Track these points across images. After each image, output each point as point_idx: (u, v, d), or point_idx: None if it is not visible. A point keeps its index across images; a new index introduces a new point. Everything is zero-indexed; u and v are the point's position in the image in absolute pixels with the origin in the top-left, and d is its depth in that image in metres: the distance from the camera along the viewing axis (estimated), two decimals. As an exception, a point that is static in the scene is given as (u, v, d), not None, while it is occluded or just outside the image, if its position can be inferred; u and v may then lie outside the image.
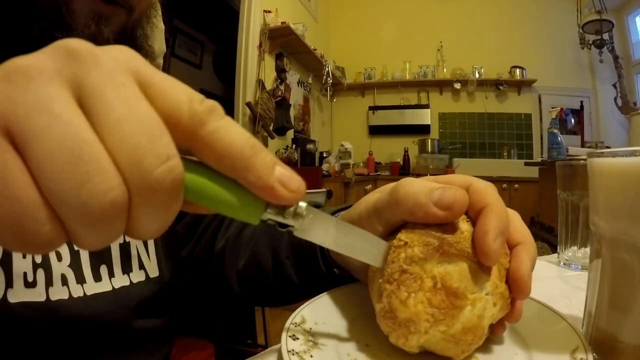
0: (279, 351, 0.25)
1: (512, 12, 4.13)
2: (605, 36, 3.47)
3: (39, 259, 0.34)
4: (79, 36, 0.35)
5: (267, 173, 0.17)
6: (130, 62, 0.16)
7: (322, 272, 0.38)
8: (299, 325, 0.28)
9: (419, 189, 0.24)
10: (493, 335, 0.27)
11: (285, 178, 0.18)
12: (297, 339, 0.26)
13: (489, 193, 0.25)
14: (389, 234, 0.27)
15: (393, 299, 0.23)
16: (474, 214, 0.25)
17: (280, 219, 0.20)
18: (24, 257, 0.33)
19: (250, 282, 0.47)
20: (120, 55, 0.17)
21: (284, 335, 0.26)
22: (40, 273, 0.33)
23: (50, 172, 0.14)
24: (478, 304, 0.23)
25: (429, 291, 0.23)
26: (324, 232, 0.22)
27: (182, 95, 0.17)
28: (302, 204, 0.20)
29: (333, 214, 0.39)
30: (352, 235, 0.24)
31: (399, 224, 0.26)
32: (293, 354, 0.24)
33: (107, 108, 0.15)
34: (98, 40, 0.36)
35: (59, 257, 0.35)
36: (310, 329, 0.28)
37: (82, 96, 0.15)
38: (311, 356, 0.25)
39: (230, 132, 0.17)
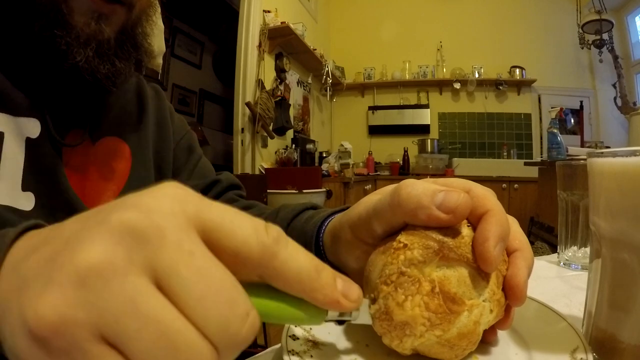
0: (279, 351, 0.25)
1: (512, 12, 4.14)
2: (605, 36, 3.47)
3: None
4: (78, 35, 0.35)
5: (332, 290, 0.19)
6: (188, 210, 0.17)
7: None
8: (299, 325, 0.28)
9: (422, 190, 0.24)
10: (485, 342, 0.26)
11: (346, 290, 0.20)
12: (297, 339, 0.26)
13: (489, 198, 0.25)
14: (388, 237, 0.27)
15: (390, 300, 0.23)
16: (474, 219, 0.25)
17: (340, 318, 0.22)
18: None
19: None
20: (177, 207, 0.16)
21: (284, 335, 0.26)
22: None
23: None
24: (475, 310, 0.23)
25: (426, 295, 0.23)
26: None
27: (247, 230, 0.17)
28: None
29: (331, 215, 0.39)
30: None
31: (399, 226, 0.26)
32: (293, 354, 0.24)
33: (185, 288, 0.15)
34: (98, 38, 0.37)
35: None
36: (311, 329, 0.28)
37: (159, 277, 0.15)
38: (311, 356, 0.25)
39: (299, 259, 0.18)
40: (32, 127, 0.38)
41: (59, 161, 0.40)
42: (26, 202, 0.37)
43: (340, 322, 0.22)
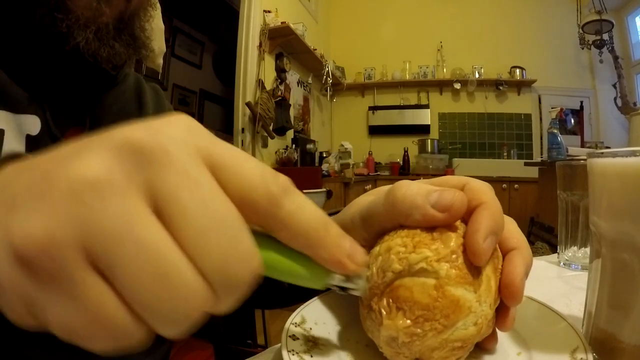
0: (279, 351, 0.25)
1: (512, 12, 4.13)
2: (605, 36, 3.47)
3: None
4: (78, 17, 0.35)
5: (337, 249, 0.18)
6: (198, 142, 0.16)
7: None
8: (299, 325, 0.28)
9: (416, 191, 0.24)
10: (484, 349, 0.26)
11: (352, 251, 0.19)
12: (297, 339, 0.26)
13: (485, 192, 0.24)
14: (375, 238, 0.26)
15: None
16: (468, 213, 0.24)
17: (343, 284, 0.21)
18: None
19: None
20: (188, 136, 0.16)
21: (283, 335, 0.26)
22: None
23: (138, 295, 0.14)
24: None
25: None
26: None
27: (255, 176, 0.16)
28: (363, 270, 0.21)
29: None
30: None
31: (392, 228, 0.25)
32: (293, 354, 0.24)
33: (186, 219, 0.14)
34: (98, 21, 0.37)
35: None
36: (311, 329, 0.28)
37: (158, 203, 0.14)
38: (311, 356, 0.25)
39: (306, 212, 0.17)
40: (33, 124, 0.38)
41: None
42: None
43: (342, 289, 0.21)
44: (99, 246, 0.13)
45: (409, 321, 0.22)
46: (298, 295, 0.42)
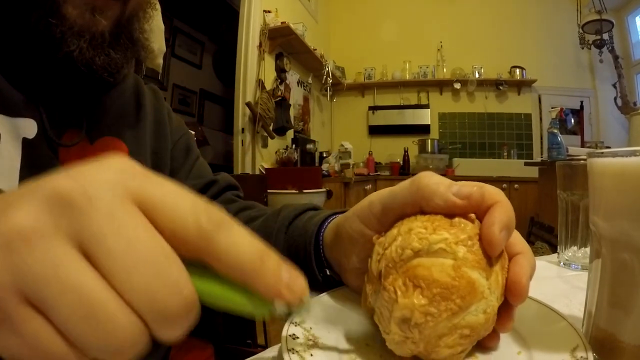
0: (279, 350, 0.25)
1: (512, 12, 4.13)
2: (605, 36, 3.47)
3: None
4: (72, 25, 0.35)
5: (275, 280, 0.18)
6: (129, 183, 0.16)
7: (314, 275, 0.38)
8: (299, 324, 0.28)
9: (439, 180, 0.26)
10: (485, 346, 0.26)
11: (291, 282, 0.19)
12: (297, 337, 0.26)
13: (499, 193, 0.26)
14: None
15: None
16: (483, 212, 0.25)
17: (285, 311, 0.21)
18: None
19: None
20: (118, 178, 0.16)
21: (283, 334, 0.26)
22: None
23: (70, 331, 0.15)
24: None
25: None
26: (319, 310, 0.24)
27: (186, 212, 0.17)
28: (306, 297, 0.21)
29: (333, 215, 0.39)
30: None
31: (412, 214, 0.27)
32: (293, 353, 0.24)
33: (112, 258, 0.15)
34: (92, 30, 0.36)
35: None
36: (311, 328, 0.28)
37: (85, 246, 0.15)
38: (311, 355, 0.25)
39: (239, 245, 0.18)
40: (29, 128, 0.38)
41: (55, 161, 0.40)
42: None
43: (288, 315, 0.22)
44: (30, 288, 0.14)
45: (425, 300, 0.22)
46: None
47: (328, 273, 0.38)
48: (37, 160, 0.38)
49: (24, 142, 0.37)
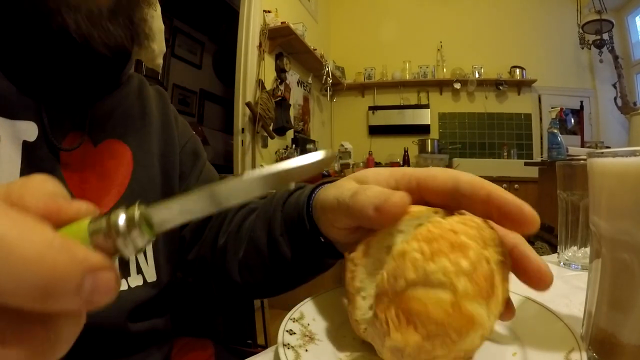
0: (277, 347, 0.25)
1: (512, 12, 4.13)
2: (605, 36, 3.47)
3: None
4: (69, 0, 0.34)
5: None
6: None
7: (311, 242, 0.37)
8: (297, 320, 0.28)
9: (372, 191, 0.25)
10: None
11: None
12: (294, 333, 0.26)
13: (483, 181, 0.25)
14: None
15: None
16: (478, 204, 0.25)
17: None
18: None
19: (249, 269, 0.46)
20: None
21: (281, 329, 0.26)
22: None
23: None
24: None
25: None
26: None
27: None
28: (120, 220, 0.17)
29: (320, 186, 0.40)
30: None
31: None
32: (288, 348, 0.24)
33: None
34: (90, 6, 0.35)
35: None
36: (309, 324, 0.28)
37: None
38: (306, 350, 0.25)
39: None
40: (29, 131, 0.37)
41: (56, 164, 0.39)
42: None
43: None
44: None
45: (419, 336, 0.21)
46: (300, 269, 0.41)
47: (323, 240, 0.37)
48: (37, 164, 0.37)
49: (24, 145, 0.37)
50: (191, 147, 0.56)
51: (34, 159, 0.37)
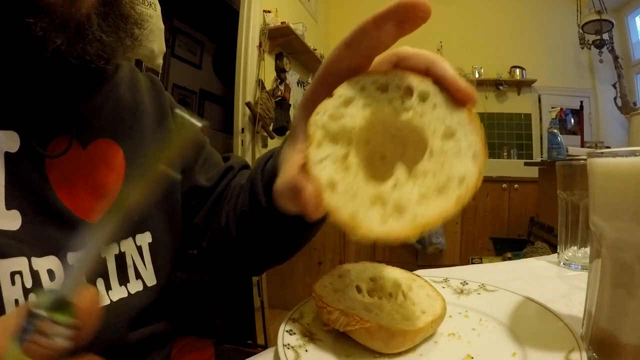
0: (277, 348, 0.25)
1: (511, 12, 4.13)
2: (605, 36, 3.47)
3: (29, 283, 0.33)
4: (52, 17, 0.32)
5: None
6: None
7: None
8: (297, 320, 0.28)
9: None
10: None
11: None
12: (294, 333, 0.27)
13: (421, 52, 0.29)
14: None
15: None
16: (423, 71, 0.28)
17: None
18: (13, 283, 0.32)
19: (242, 218, 0.46)
20: None
21: (281, 329, 0.26)
22: (33, 297, 0.32)
23: None
24: None
25: None
26: None
27: None
28: None
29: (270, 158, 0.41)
30: None
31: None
32: (288, 348, 0.24)
33: None
34: (77, 18, 0.34)
35: (52, 277, 0.34)
36: (308, 324, 0.28)
37: None
38: (306, 350, 0.25)
39: None
40: (11, 141, 0.35)
41: (42, 174, 0.37)
42: (11, 221, 0.34)
43: None
44: None
45: None
46: (274, 218, 0.40)
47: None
48: (22, 175, 0.35)
49: (7, 156, 0.35)
50: None
51: (18, 171, 0.35)
